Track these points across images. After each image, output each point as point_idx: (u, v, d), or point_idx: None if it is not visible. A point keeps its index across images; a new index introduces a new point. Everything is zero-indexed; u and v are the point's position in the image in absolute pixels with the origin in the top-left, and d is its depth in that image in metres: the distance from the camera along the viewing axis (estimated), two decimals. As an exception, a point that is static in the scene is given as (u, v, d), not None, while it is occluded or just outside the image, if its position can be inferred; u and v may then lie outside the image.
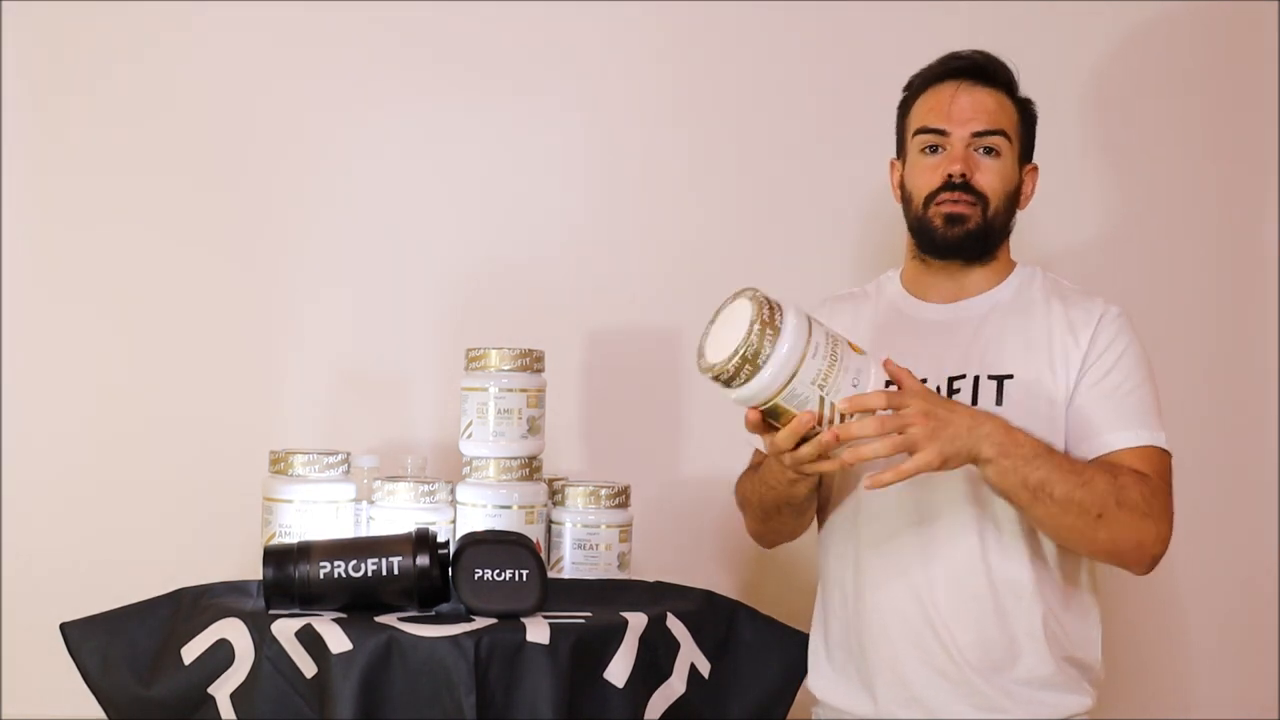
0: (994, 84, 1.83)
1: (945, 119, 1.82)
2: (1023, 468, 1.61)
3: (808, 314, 1.57)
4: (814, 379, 1.54)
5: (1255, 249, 2.49)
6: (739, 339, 1.53)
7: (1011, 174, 1.83)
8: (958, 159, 1.80)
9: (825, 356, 1.54)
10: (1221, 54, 2.50)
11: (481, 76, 2.41)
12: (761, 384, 1.53)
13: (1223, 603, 2.46)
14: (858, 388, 1.55)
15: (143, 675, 1.72)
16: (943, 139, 1.82)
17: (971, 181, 1.79)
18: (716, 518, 2.41)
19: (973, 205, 1.80)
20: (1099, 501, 1.64)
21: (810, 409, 1.55)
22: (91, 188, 2.33)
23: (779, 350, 1.52)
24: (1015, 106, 1.85)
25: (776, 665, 1.86)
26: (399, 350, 2.38)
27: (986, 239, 1.82)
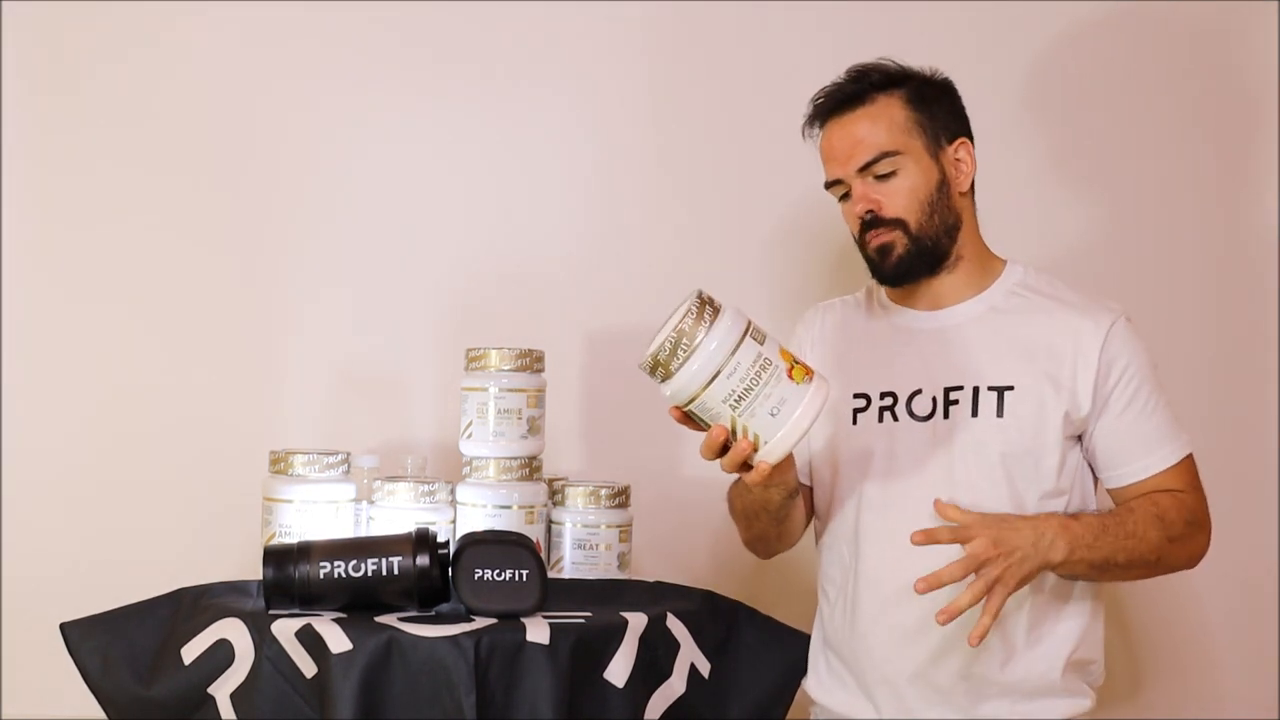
0: (863, 101, 1.79)
1: (833, 168, 1.82)
2: (1088, 555, 1.67)
3: (746, 329, 1.57)
4: (726, 398, 1.56)
5: (1256, 249, 2.49)
6: (659, 341, 1.56)
7: (922, 180, 1.78)
8: (859, 199, 1.78)
9: (743, 380, 1.55)
10: (1222, 53, 2.50)
11: (482, 76, 2.41)
12: (672, 388, 1.57)
13: (1222, 603, 2.46)
14: (774, 417, 1.56)
15: (143, 675, 1.72)
16: (843, 187, 1.82)
17: (880, 214, 1.77)
18: (716, 518, 2.40)
19: (892, 231, 1.77)
20: (1155, 549, 1.71)
21: (722, 425, 1.57)
22: (91, 187, 2.33)
23: (690, 363, 1.55)
24: (902, 102, 1.79)
25: (777, 665, 1.86)
26: (399, 350, 2.38)
27: (924, 254, 1.78)
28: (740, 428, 1.57)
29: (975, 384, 1.76)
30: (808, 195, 2.45)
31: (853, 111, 1.80)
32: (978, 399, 1.75)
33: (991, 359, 1.76)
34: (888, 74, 1.81)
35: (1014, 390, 1.74)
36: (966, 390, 1.76)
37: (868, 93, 1.79)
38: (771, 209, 2.45)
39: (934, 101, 1.80)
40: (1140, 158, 2.48)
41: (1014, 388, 1.74)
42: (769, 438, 1.57)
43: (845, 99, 1.80)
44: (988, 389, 1.75)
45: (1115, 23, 2.48)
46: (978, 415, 1.74)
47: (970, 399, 1.75)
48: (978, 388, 1.75)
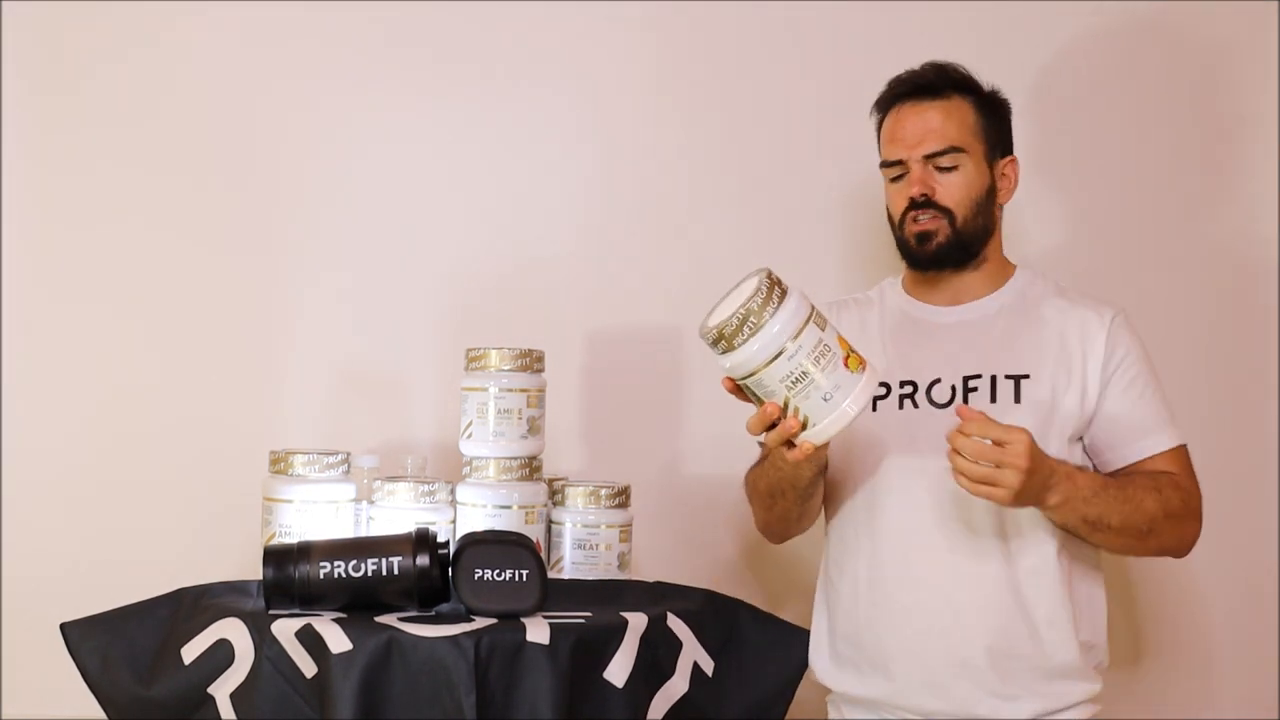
0: (940, 95, 1.88)
1: (899, 148, 1.89)
2: (1081, 507, 1.73)
3: (810, 314, 1.61)
4: (783, 379, 1.60)
5: (1256, 249, 2.49)
6: (726, 315, 1.60)
7: (976, 180, 1.88)
8: (916, 182, 1.86)
9: (801, 364, 1.59)
10: (1222, 53, 2.50)
11: (482, 76, 2.41)
12: (733, 362, 1.61)
13: (1222, 603, 2.46)
14: (826, 403, 1.61)
15: (143, 675, 1.72)
16: (901, 168, 1.89)
17: (933, 199, 1.86)
18: (716, 518, 2.41)
19: (939, 219, 1.86)
20: (1149, 519, 1.77)
21: (775, 403, 1.62)
22: (91, 187, 2.33)
23: (754, 341, 1.59)
24: (973, 107, 1.89)
25: (779, 663, 1.86)
26: (399, 350, 2.38)
27: (962, 247, 1.88)
28: (792, 407, 1.61)
29: (993, 372, 1.84)
30: (810, 195, 2.46)
31: (930, 101, 1.88)
32: (995, 386, 1.83)
33: (1007, 350, 1.85)
34: (965, 77, 1.91)
35: (1029, 378, 1.83)
36: (985, 379, 1.84)
37: (946, 88, 1.89)
38: (773, 209, 2.45)
39: (996, 115, 1.92)
40: (1140, 158, 2.48)
41: (1029, 376, 1.83)
42: (818, 421, 1.62)
43: (925, 87, 1.89)
44: (1005, 377, 1.83)
45: (1115, 23, 2.48)
46: (996, 401, 1.82)
47: (989, 387, 1.83)
48: (995, 376, 1.84)
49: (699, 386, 2.42)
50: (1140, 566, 2.39)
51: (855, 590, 1.86)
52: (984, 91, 1.92)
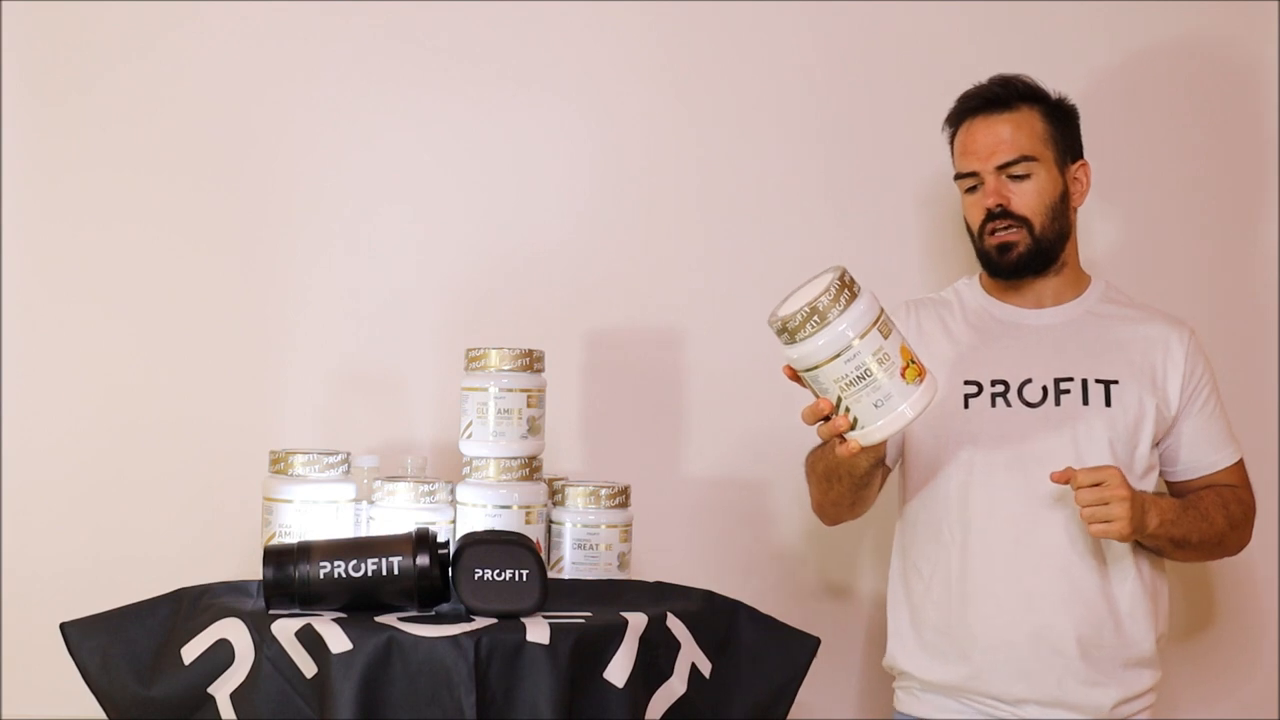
0: (1008, 107, 1.98)
1: (972, 160, 1.99)
2: (1171, 529, 1.88)
3: (878, 320, 1.66)
4: (838, 379, 1.66)
5: (1256, 250, 2.49)
6: (795, 308, 1.65)
7: (1050, 187, 1.97)
8: (991, 193, 1.96)
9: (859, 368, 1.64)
10: (1222, 53, 2.50)
11: (481, 75, 2.41)
12: (794, 353, 1.67)
13: (1222, 602, 2.46)
14: (877, 409, 1.66)
15: (143, 675, 1.71)
16: (975, 179, 1.99)
17: (1010, 209, 1.96)
18: (716, 518, 2.41)
19: (1018, 229, 1.96)
20: (1219, 533, 1.95)
21: (828, 400, 1.68)
22: (91, 188, 2.33)
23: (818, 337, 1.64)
24: (1041, 116, 1.98)
25: (778, 664, 1.86)
26: (399, 350, 2.38)
27: (1041, 254, 1.98)
28: (844, 406, 1.67)
29: (1084, 376, 1.95)
30: (810, 195, 2.46)
31: (999, 114, 1.98)
32: (1087, 389, 1.94)
33: (1095, 356, 1.96)
34: (1031, 87, 2.00)
35: (1119, 384, 1.95)
36: (1076, 381, 1.95)
37: (1014, 100, 1.98)
38: (774, 209, 2.45)
39: (1066, 122, 2.02)
40: (1140, 159, 2.48)
41: (1119, 382, 1.95)
42: (866, 424, 1.68)
43: (994, 100, 1.99)
44: (1095, 381, 1.95)
45: (1115, 23, 2.48)
46: (1088, 404, 1.93)
47: (1080, 389, 1.94)
48: (1086, 379, 1.95)
49: (699, 386, 2.42)
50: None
51: (947, 581, 1.96)
52: (1051, 99, 2.00)
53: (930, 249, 2.45)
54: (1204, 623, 2.47)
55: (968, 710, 1.96)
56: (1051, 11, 2.47)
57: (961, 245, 2.44)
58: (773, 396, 2.43)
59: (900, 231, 2.45)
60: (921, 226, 2.46)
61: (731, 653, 1.83)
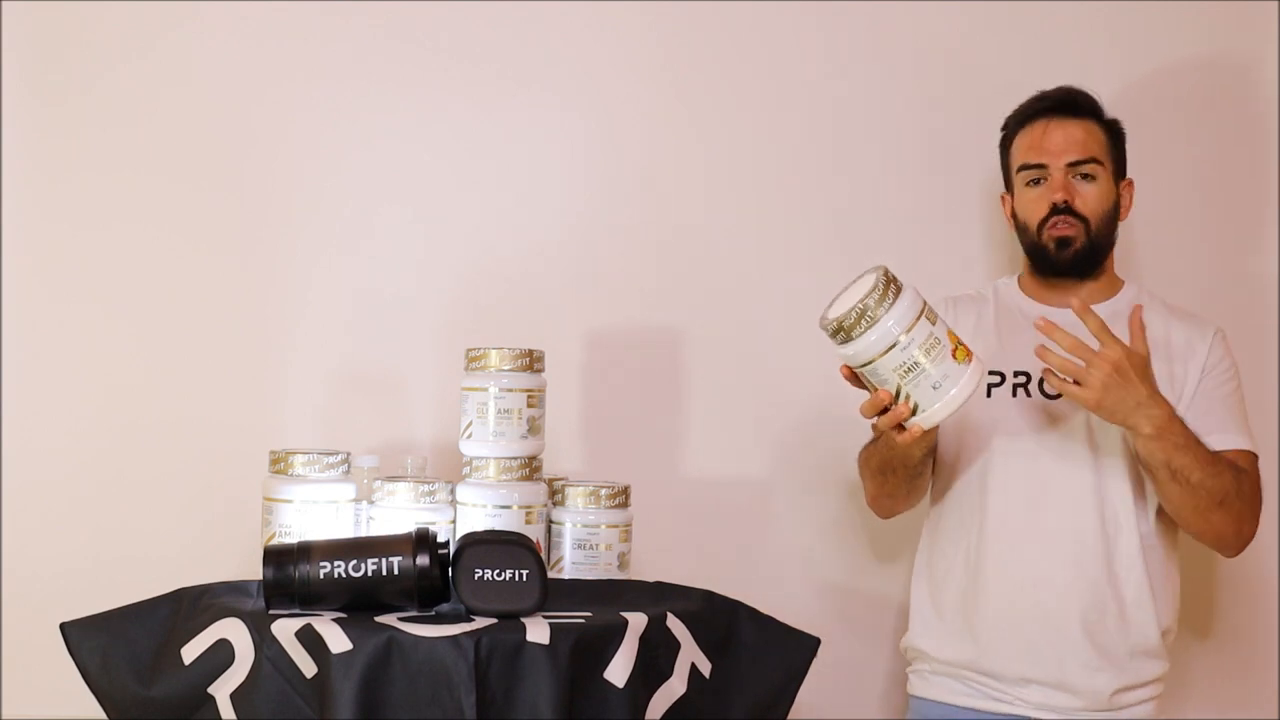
0: (1081, 115, 2.05)
1: (1042, 154, 2.04)
2: (1170, 451, 1.85)
3: (923, 309, 1.74)
4: (896, 368, 1.74)
5: (1256, 249, 2.49)
6: (846, 308, 1.74)
7: (1108, 194, 2.05)
8: (1059, 188, 2.02)
9: (913, 355, 1.74)
10: (1223, 53, 2.50)
11: (481, 75, 2.41)
12: (851, 350, 1.75)
13: (1222, 602, 2.46)
14: (935, 390, 1.74)
15: (143, 675, 1.71)
16: (1043, 172, 2.04)
17: (1073, 206, 2.02)
18: (716, 518, 2.41)
19: (1077, 226, 2.02)
20: (1223, 490, 1.89)
21: (888, 390, 1.76)
22: (91, 188, 2.33)
23: (871, 332, 1.73)
24: (1103, 131, 2.06)
25: (778, 664, 1.86)
26: (399, 350, 2.38)
27: (1094, 256, 2.05)
28: (904, 394, 1.76)
29: None
30: (809, 194, 2.46)
31: (1072, 118, 2.06)
32: None
33: None
34: (1096, 104, 2.09)
35: None
36: None
37: (1084, 111, 2.07)
38: (774, 209, 2.45)
39: (1120, 141, 2.11)
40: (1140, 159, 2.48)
41: None
42: (927, 407, 1.76)
43: (1070, 106, 2.07)
44: None
45: (1116, 23, 2.48)
46: None
47: None
48: None
49: (699, 386, 2.42)
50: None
51: (966, 562, 2.02)
52: (1109, 119, 2.09)
53: (931, 248, 2.45)
54: (1205, 622, 2.47)
55: (972, 694, 2.02)
56: (1051, 11, 2.47)
57: (965, 244, 2.44)
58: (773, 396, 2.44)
59: (901, 231, 2.45)
60: (922, 226, 2.46)
61: (731, 653, 1.83)
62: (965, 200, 2.44)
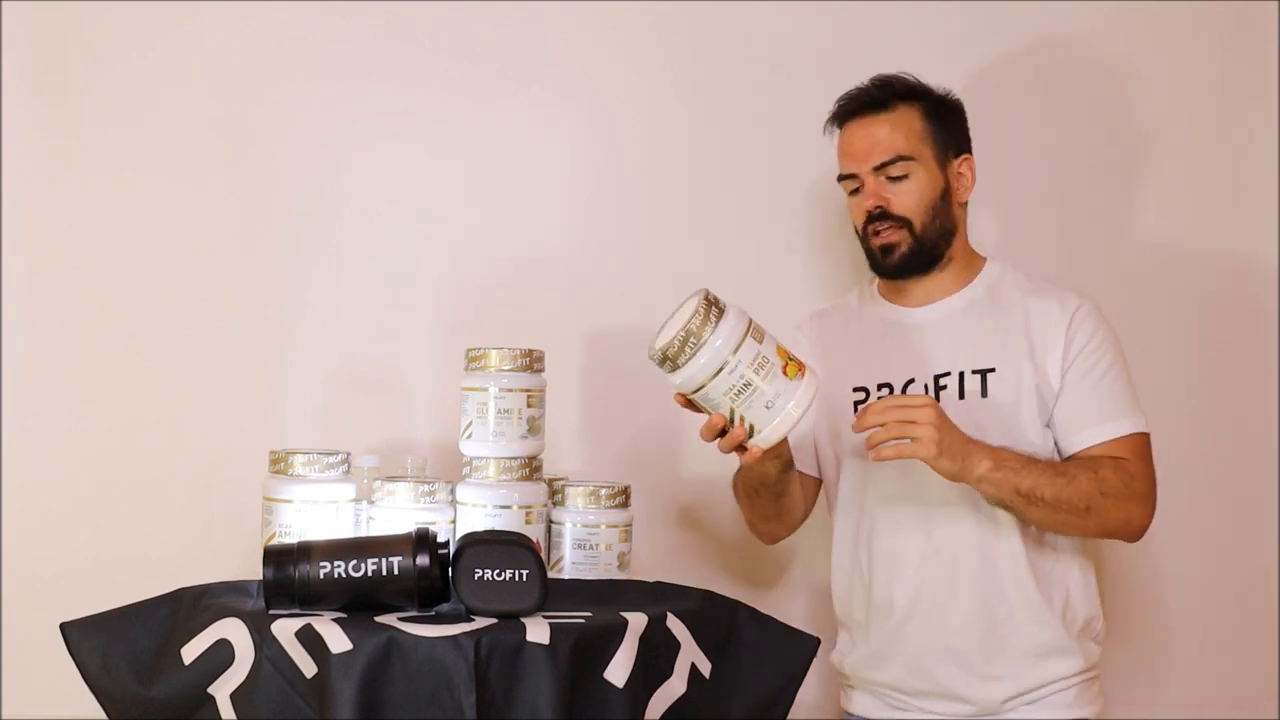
0: (885, 108, 1.96)
1: (850, 162, 1.98)
2: (1013, 478, 1.80)
3: (748, 329, 1.71)
4: (726, 392, 1.72)
5: (1257, 248, 2.49)
6: (669, 337, 1.72)
7: (929, 185, 1.94)
8: (870, 194, 1.95)
9: (743, 377, 1.70)
10: (1223, 53, 2.50)
11: (481, 76, 2.41)
12: (679, 379, 1.73)
13: (1222, 602, 2.46)
14: (769, 410, 1.72)
15: (143, 675, 1.71)
16: (855, 181, 1.97)
17: (889, 210, 1.94)
18: (716, 518, 2.41)
19: (899, 229, 1.94)
20: (1084, 496, 1.82)
21: (721, 414, 1.74)
22: (91, 188, 2.33)
23: (696, 359, 1.70)
24: (919, 114, 1.96)
25: (778, 664, 1.86)
26: (399, 350, 2.38)
27: (924, 254, 1.95)
28: (738, 417, 1.73)
29: (960, 369, 1.92)
30: (812, 194, 2.46)
31: (875, 115, 1.96)
32: (963, 382, 1.91)
33: (974, 346, 1.93)
34: (909, 86, 1.98)
35: (995, 372, 1.91)
36: (954, 375, 1.93)
37: (890, 100, 1.96)
38: (774, 209, 2.45)
39: (946, 117, 1.99)
40: (1139, 157, 2.48)
41: (995, 369, 1.91)
42: (763, 427, 1.73)
43: (870, 103, 1.97)
44: (972, 372, 1.91)
45: (1116, 23, 2.48)
46: (964, 397, 1.91)
47: (957, 383, 1.92)
48: (963, 372, 1.92)
49: (699, 386, 2.42)
50: (1140, 565, 2.39)
51: (857, 582, 1.98)
52: (931, 96, 1.98)
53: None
54: (1204, 622, 2.47)
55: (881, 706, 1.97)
56: (1051, 11, 2.47)
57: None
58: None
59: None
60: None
61: (731, 653, 1.83)
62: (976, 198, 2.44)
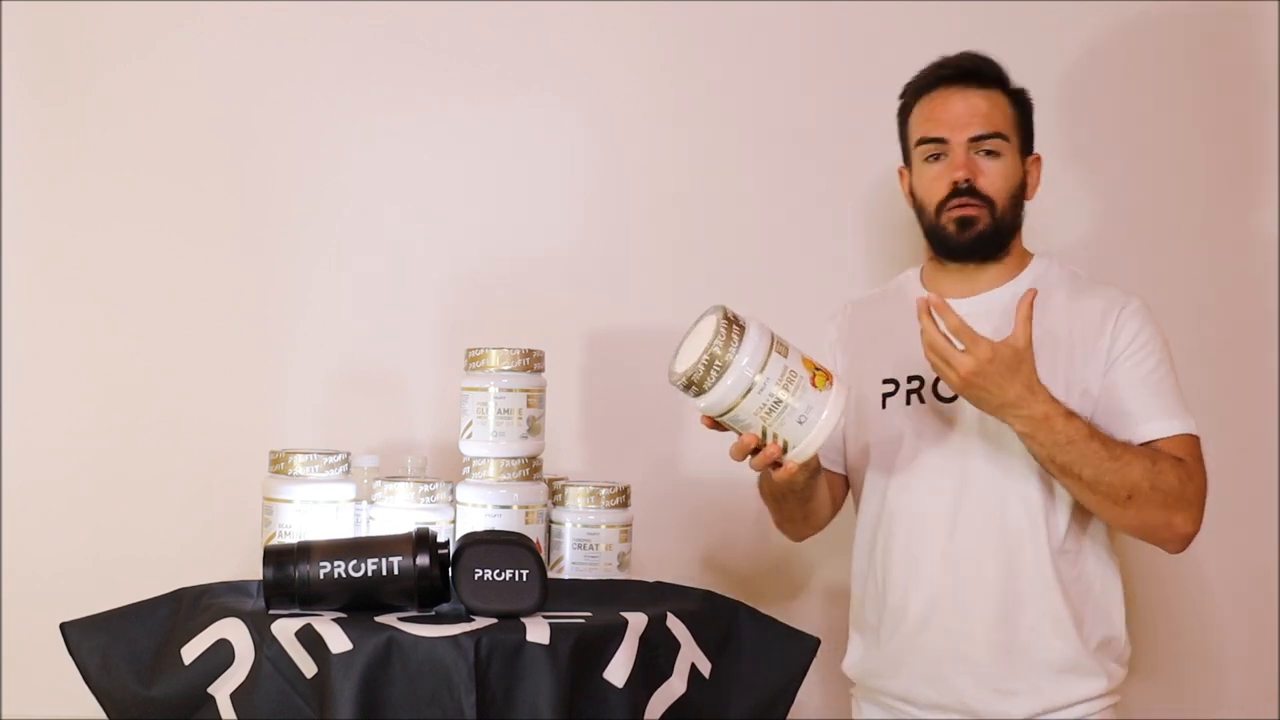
0: (985, 84, 1.88)
1: (942, 127, 1.87)
2: (1051, 449, 1.70)
3: (771, 344, 1.66)
4: (757, 410, 1.67)
5: (1257, 247, 2.49)
6: (692, 361, 1.66)
7: (1014, 172, 1.88)
8: (960, 165, 1.85)
9: (772, 395, 1.65)
10: (1223, 52, 2.50)
11: (481, 75, 2.41)
12: (706, 403, 1.68)
13: (1223, 601, 2.46)
14: (802, 425, 1.67)
15: (143, 675, 1.71)
16: (943, 146, 1.87)
17: (976, 186, 1.85)
18: (716, 518, 2.41)
19: (980, 208, 1.85)
20: (1131, 485, 1.71)
21: (753, 433, 1.69)
22: (91, 187, 2.33)
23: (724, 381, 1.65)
24: (1010, 102, 1.89)
25: (778, 665, 1.86)
26: (399, 350, 2.38)
27: (997, 239, 1.87)
28: (770, 434, 1.68)
29: None
30: (809, 194, 2.46)
31: (976, 88, 1.87)
32: None
33: None
34: (1003, 72, 1.90)
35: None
36: None
37: (990, 80, 1.89)
38: (772, 208, 2.45)
39: (1028, 113, 1.93)
40: (1140, 156, 2.49)
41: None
42: (796, 442, 1.69)
43: (974, 74, 1.88)
44: None
45: (1117, 22, 2.48)
46: None
47: None
48: None
49: (699, 386, 2.42)
50: (1139, 565, 2.39)
51: (871, 584, 1.92)
52: (1016, 88, 1.91)
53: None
54: (1204, 623, 2.47)
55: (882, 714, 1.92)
56: (1051, 11, 2.47)
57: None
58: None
59: (902, 230, 2.45)
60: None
61: (731, 653, 1.83)
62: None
